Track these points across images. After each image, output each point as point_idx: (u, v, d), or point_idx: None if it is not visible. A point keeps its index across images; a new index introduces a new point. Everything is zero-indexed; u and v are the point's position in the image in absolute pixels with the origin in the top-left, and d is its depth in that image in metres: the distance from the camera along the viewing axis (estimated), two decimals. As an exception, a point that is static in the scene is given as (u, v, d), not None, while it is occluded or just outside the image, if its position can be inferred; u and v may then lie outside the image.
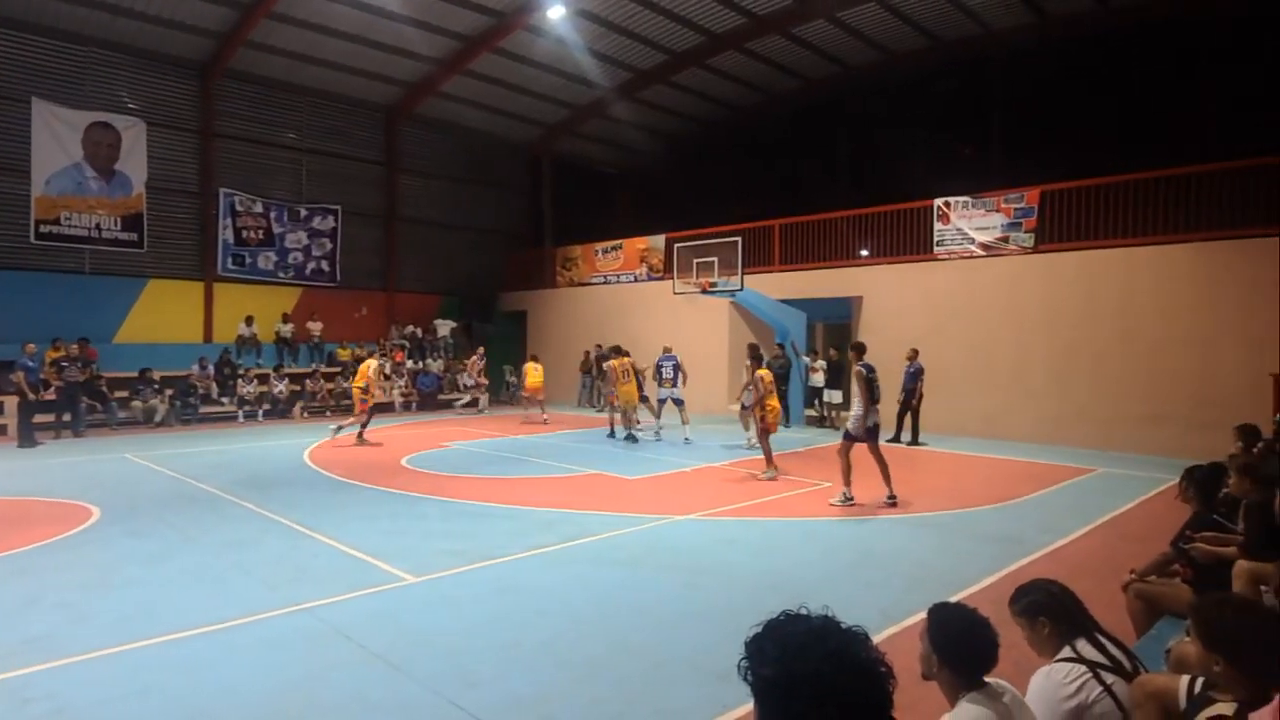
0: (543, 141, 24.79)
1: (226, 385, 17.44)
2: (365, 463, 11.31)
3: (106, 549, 6.60)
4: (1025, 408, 13.83)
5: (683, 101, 23.03)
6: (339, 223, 20.81)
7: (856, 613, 4.85)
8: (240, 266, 19.22)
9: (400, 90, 20.96)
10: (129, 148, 17.27)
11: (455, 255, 23.54)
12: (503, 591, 5.58)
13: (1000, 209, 14.39)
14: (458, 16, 17.82)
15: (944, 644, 2.33)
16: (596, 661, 4.37)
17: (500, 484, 9.82)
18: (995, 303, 14.30)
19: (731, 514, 8.12)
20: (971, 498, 8.99)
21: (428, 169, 22.86)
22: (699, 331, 18.26)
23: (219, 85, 18.53)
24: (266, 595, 5.40)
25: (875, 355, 15.57)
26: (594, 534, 7.18)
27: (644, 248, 20.59)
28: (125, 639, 4.55)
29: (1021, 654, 2.97)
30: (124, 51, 17.12)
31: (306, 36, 17.80)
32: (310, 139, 20.40)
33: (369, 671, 4.20)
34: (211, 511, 8.05)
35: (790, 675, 1.19)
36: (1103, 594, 4.52)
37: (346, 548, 6.64)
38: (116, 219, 17.20)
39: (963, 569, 6.13)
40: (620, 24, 18.60)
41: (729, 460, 11.65)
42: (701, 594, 5.57)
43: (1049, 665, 2.69)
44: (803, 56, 20.32)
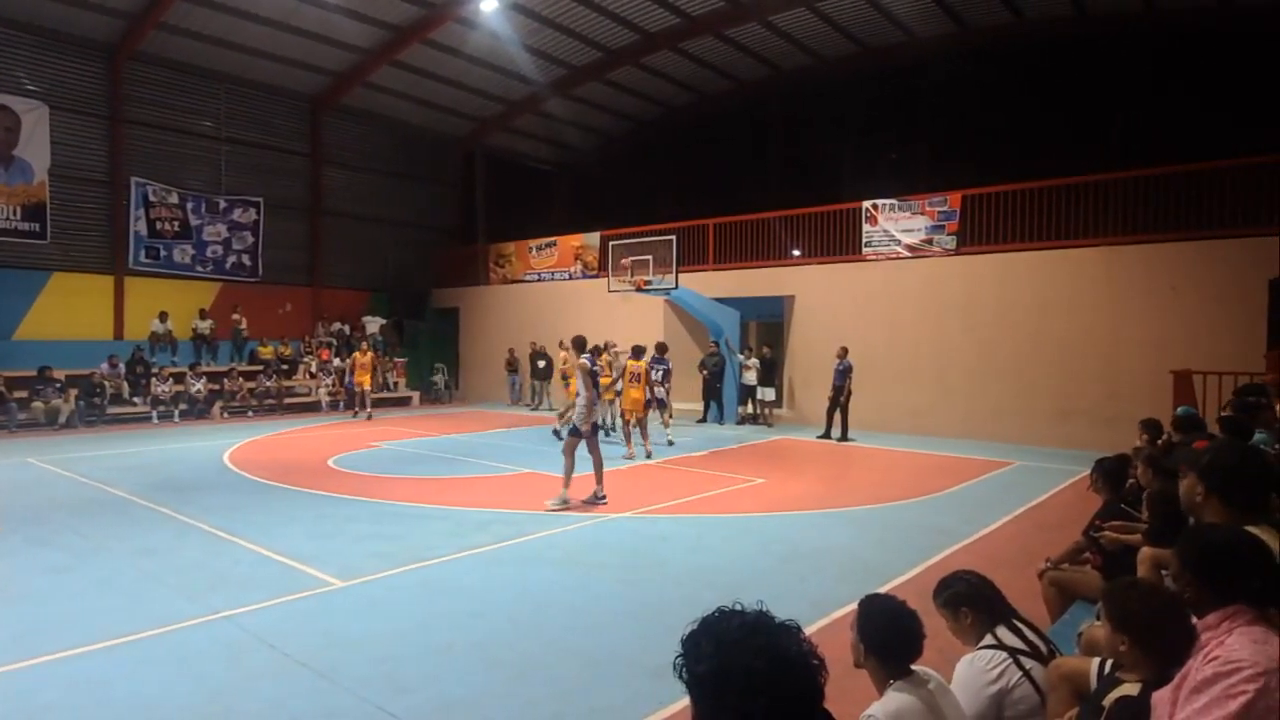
0: (475, 136, 24.39)
1: (139, 385, 16.59)
2: (289, 464, 10.93)
3: (6, 560, 6.18)
4: (947, 404, 14.35)
5: (617, 99, 23.02)
6: (261, 215, 20.01)
7: (789, 605, 4.94)
8: (154, 260, 18.28)
9: (326, 79, 20.30)
10: (29, 132, 16.19)
11: (385, 251, 22.94)
12: (434, 593, 5.47)
13: (925, 211, 14.88)
14: (387, 6, 17.36)
15: (871, 634, 2.41)
16: (531, 662, 4.33)
17: (431, 484, 9.63)
18: (919, 303, 14.79)
19: (664, 511, 8.16)
20: (898, 491, 9.27)
21: (356, 161, 22.21)
22: (634, 330, 18.27)
23: (129, 68, 17.56)
24: (183, 604, 5.15)
25: (807, 352, 16.06)
26: (528, 534, 7.11)
27: (578, 245, 20.50)
28: (25, 655, 4.27)
29: (945, 642, 3.07)
30: (22, 29, 16.04)
31: (225, 20, 17.02)
32: (230, 128, 19.54)
33: (293, 680, 4.05)
34: (123, 517, 7.64)
35: (724, 670, 1.19)
36: (1020, 582, 4.71)
37: (270, 552, 6.39)
38: (16, 208, 16.12)
39: (890, 560, 6.32)
40: (554, 19, 18.46)
41: (661, 459, 11.71)
42: (636, 591, 5.57)
43: (972, 653, 2.79)
44: (736, 58, 20.58)
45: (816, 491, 9.35)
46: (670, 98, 23.13)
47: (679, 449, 12.53)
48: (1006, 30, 17.75)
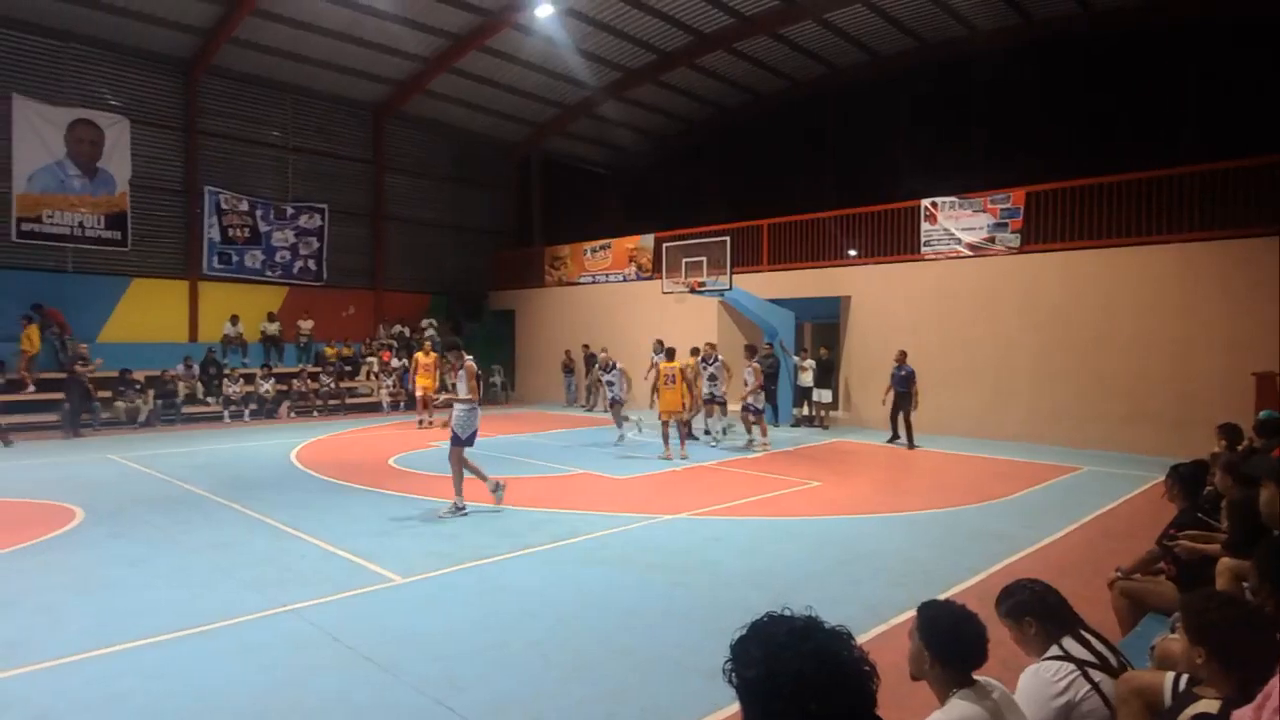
0: (531, 140, 24.72)
1: (212, 385, 17.29)
2: (352, 463, 11.24)
3: (89, 551, 6.52)
4: (1009, 407, 13.93)
5: (671, 101, 23.04)
6: (326, 221, 20.67)
7: (842, 609, 4.89)
8: (226, 265, 19.06)
9: (387, 88, 20.85)
10: (112, 145, 17.08)
11: (443, 254, 23.46)
12: (490, 592, 5.56)
13: (987, 209, 14.48)
14: (445, 14, 17.74)
15: (935, 641, 2.34)
16: (584, 661, 4.36)
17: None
18: (980, 302, 14.40)
19: (718, 514, 8.12)
20: (957, 496, 9.05)
21: (415, 167, 22.76)
22: (687, 331, 18.25)
23: (203, 82, 18.36)
24: (251, 597, 5.35)
25: (864, 354, 15.79)
26: (582, 534, 7.17)
27: (633, 247, 20.58)
28: (104, 643, 4.50)
29: (1009, 652, 2.98)
30: (106, 47, 16.93)
31: (291, 33, 17.66)
32: (296, 137, 20.26)
33: (356, 673, 4.16)
34: (196, 512, 7.97)
35: (772, 675, 1.19)
36: (1088, 592, 4.55)
37: (334, 548, 6.59)
38: (100, 217, 17.02)
39: (949, 566, 6.16)
40: (609, 23, 18.59)
41: (717, 460, 11.66)
42: (688, 593, 5.56)
43: (1037, 664, 2.70)
44: (790, 57, 20.38)
45: (872, 495, 9.18)
46: (723, 98, 23.04)
47: (733, 451, 12.45)
48: (1072, 21, 17.15)
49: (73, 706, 3.75)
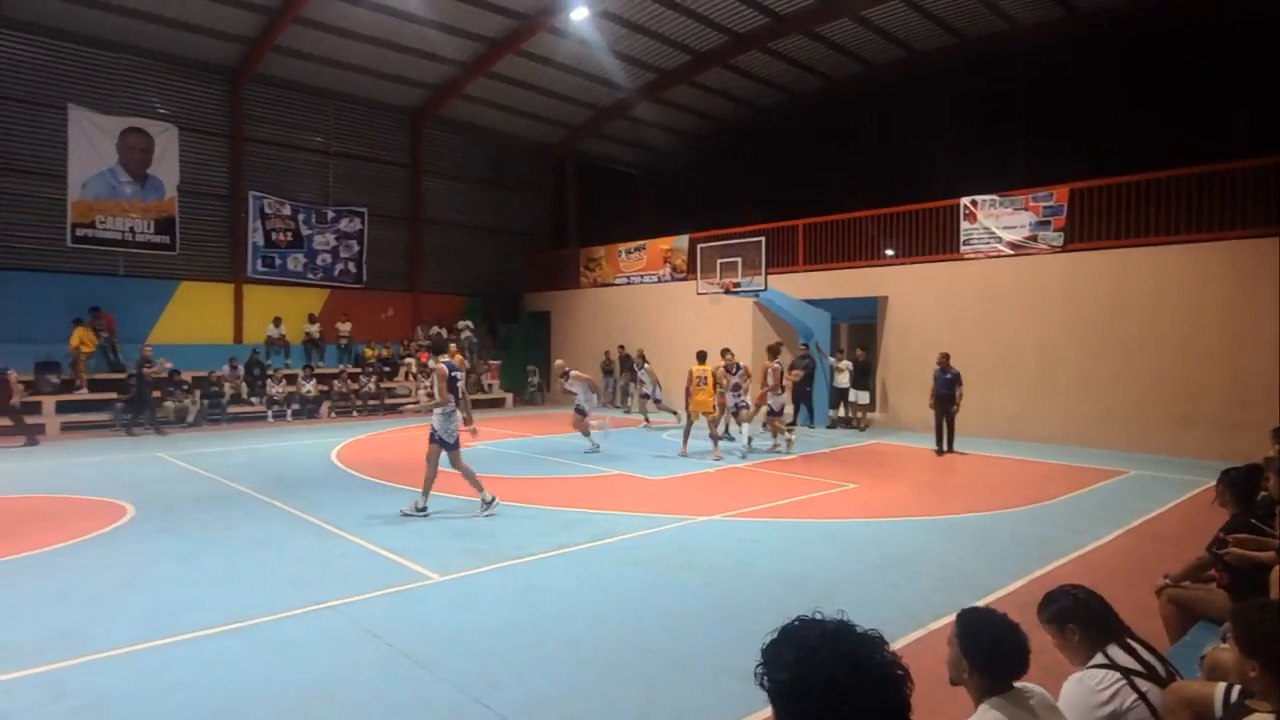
0: (566, 142, 24.87)
1: (256, 385, 17.70)
2: (391, 462, 11.42)
3: (140, 546, 6.73)
4: (1052, 409, 13.63)
5: (706, 101, 23.00)
6: (365, 225, 21.05)
7: (880, 613, 4.84)
8: (269, 268, 19.52)
9: (424, 93, 21.15)
10: (161, 152, 17.61)
11: (479, 256, 23.72)
12: (525, 591, 5.61)
13: (1029, 207, 14.18)
14: (481, 19, 17.94)
15: (974, 649, 2.30)
16: (618, 661, 4.37)
17: (523, 484, 9.86)
18: (1021, 302, 14.12)
19: (754, 515, 8.08)
20: (998, 500, 8.88)
21: (452, 171, 23.05)
22: (722, 332, 18.19)
23: (248, 90, 18.83)
24: (293, 593, 5.46)
25: (902, 354, 15.58)
26: (616, 534, 7.19)
27: (667, 248, 20.58)
28: (154, 635, 4.64)
29: (1052, 658, 2.92)
30: (156, 58, 17.46)
31: (332, 41, 18.02)
32: (337, 142, 20.67)
33: (395, 670, 4.23)
34: (241, 510, 8.17)
35: (804, 679, 1.18)
36: (1134, 599, 4.44)
37: (373, 546, 6.70)
38: (150, 222, 17.56)
39: (990, 571, 6.05)
40: (643, 24, 18.62)
41: (752, 462, 11.60)
42: (723, 594, 5.55)
43: (1081, 671, 2.65)
44: (826, 55, 20.21)
45: (911, 498, 9.06)
46: (758, 98, 22.93)
47: (768, 453, 12.38)
48: (1118, 12, 16.71)
49: (125, 696, 3.88)
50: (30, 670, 4.13)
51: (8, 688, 3.93)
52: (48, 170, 16.27)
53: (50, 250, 16.44)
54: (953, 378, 12.54)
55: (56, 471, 10.60)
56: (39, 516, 7.84)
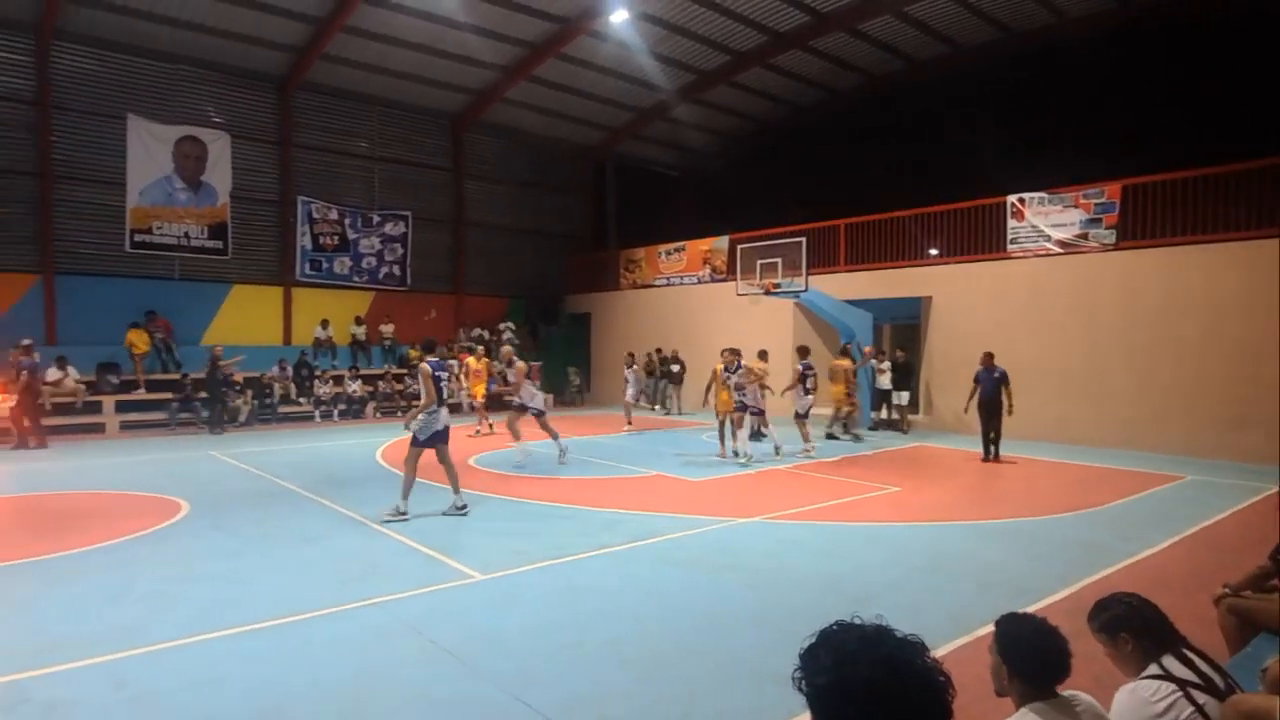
0: (605, 144, 24.98)
1: (304, 386, 18.13)
2: (434, 462, 11.54)
3: (194, 542, 6.94)
4: (1102, 411, 13.26)
5: (745, 101, 22.90)
6: (409, 228, 21.42)
7: (924, 618, 4.76)
8: (317, 271, 19.98)
9: (466, 98, 21.43)
10: (214, 160, 18.16)
11: (521, 258, 23.95)
12: (566, 591, 5.64)
13: (1079, 204, 13.82)
14: (522, 24, 18.12)
15: (1012, 654, 2.27)
16: (658, 662, 4.38)
17: (564, 484, 9.92)
18: (1071, 302, 13.76)
19: (794, 518, 8.02)
20: (1046, 504, 8.67)
21: (493, 174, 23.31)
22: (762, 333, 18.08)
23: (296, 97, 19.31)
24: (340, 590, 5.58)
25: (946, 355, 15.30)
26: (657, 535, 7.19)
27: (707, 249, 20.53)
28: (207, 629, 4.78)
29: (1103, 668, 2.85)
30: (209, 68, 18.01)
31: (377, 48, 18.39)
32: (382, 147, 21.07)
33: (437, 667, 4.30)
34: (289, 507, 8.37)
35: (842, 683, 1.17)
36: (1191, 608, 4.30)
37: (416, 544, 6.81)
38: (203, 227, 18.11)
39: (1038, 577, 5.91)
40: (683, 26, 18.62)
41: (793, 464, 11.50)
42: (763, 597, 5.52)
43: (1134, 682, 2.57)
44: (868, 52, 19.98)
45: (955, 501, 8.90)
46: (798, 97, 22.76)
47: (803, 455, 12.26)
48: (1169, 2, 16.19)
49: (179, 687, 4.00)
50: (93, 660, 4.29)
51: (71, 677, 4.09)
52: (108, 178, 16.89)
53: (110, 255, 17.06)
54: (1000, 377, 11.55)
55: (115, 469, 10.99)
56: (100, 512, 8.14)
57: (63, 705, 3.78)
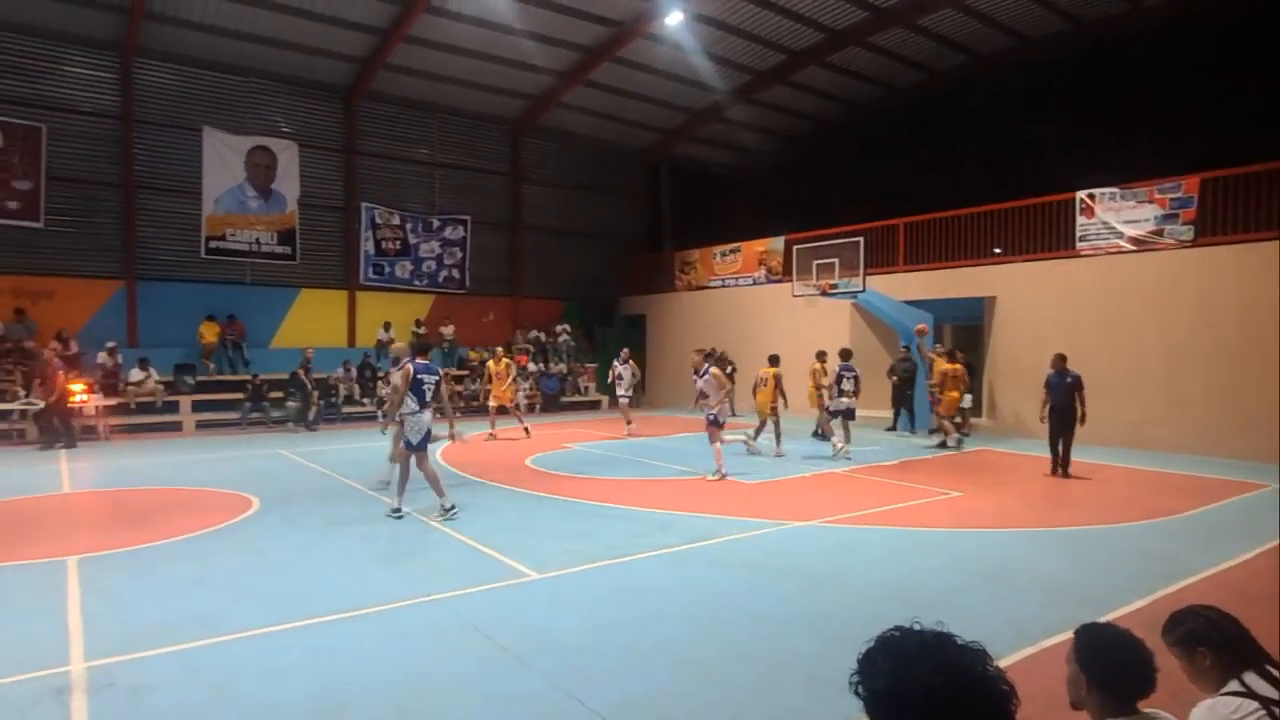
0: (660, 146, 25.02)
1: (367, 387, 18.63)
2: (492, 463, 11.78)
3: (265, 537, 7.21)
4: (1178, 416, 12.67)
5: (801, 100, 22.66)
6: (468, 232, 21.84)
7: (985, 628, 4.64)
8: (379, 275, 20.54)
9: (524, 103, 21.74)
10: (284, 168, 18.85)
11: (576, 261, 24.17)
12: (621, 591, 5.67)
13: (1154, 199, 13.26)
14: (578, 28, 18.30)
15: (1093, 664, 2.17)
16: (711, 664, 4.37)
17: (618, 485, 9.97)
18: (1145, 301, 13.20)
19: (851, 522, 7.89)
20: (1118, 512, 8.33)
21: (550, 178, 23.60)
22: (819, 334, 17.85)
23: (361, 107, 19.90)
24: (400, 585, 5.72)
25: (1011, 357, 14.85)
26: (711, 537, 7.17)
27: (762, 250, 20.38)
28: (276, 620, 4.96)
29: (1179, 684, 2.73)
30: (279, 79, 18.72)
31: (438, 56, 18.82)
32: (442, 153, 21.55)
33: (493, 663, 4.37)
34: (354, 505, 8.63)
35: (900, 688, 1.15)
36: (1274, 622, 4.08)
37: (474, 543, 6.94)
38: (273, 234, 18.81)
39: (1109, 588, 5.69)
40: (738, 26, 18.54)
41: (850, 467, 11.32)
42: (818, 601, 5.45)
43: (1212, 699, 2.46)
44: (928, 47, 19.56)
45: (1020, 508, 8.63)
46: (855, 94, 22.41)
47: (865, 458, 12.06)
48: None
49: (251, 675, 4.17)
50: (172, 648, 4.50)
51: (151, 663, 4.30)
52: (185, 188, 17.68)
53: (187, 261, 17.87)
54: (1073, 383, 10.41)
55: (191, 466, 11.50)
56: (178, 506, 8.53)
57: (144, 690, 3.97)
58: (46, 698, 3.86)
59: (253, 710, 3.78)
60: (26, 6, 15.32)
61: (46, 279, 16.40)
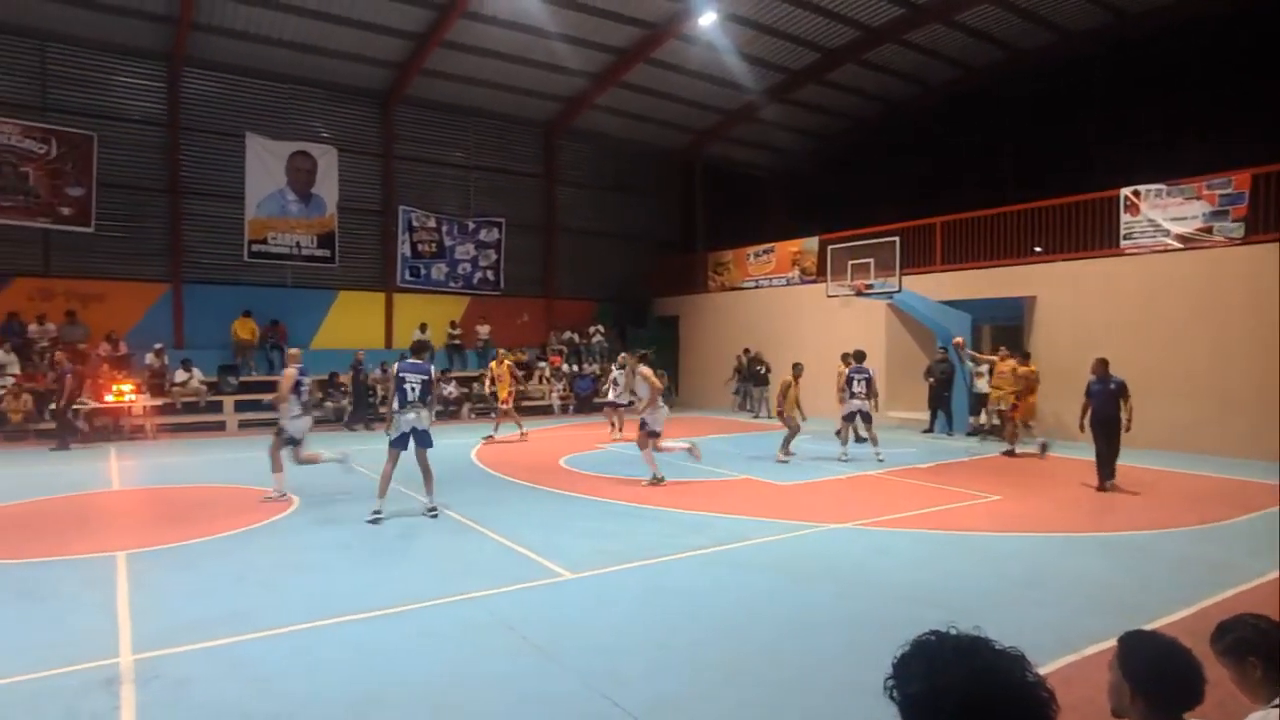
0: (693, 147, 24.98)
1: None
2: (525, 463, 11.87)
3: (303, 535, 7.36)
4: (1227, 418, 12.29)
5: (835, 99, 22.45)
6: (503, 234, 22.04)
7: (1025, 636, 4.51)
8: (416, 278, 20.83)
9: (557, 106, 21.87)
10: (323, 173, 19.22)
11: (609, 262, 24.24)
12: (653, 592, 5.68)
13: (1202, 195, 12.89)
14: (611, 30, 18.36)
15: (1139, 674, 2.10)
16: (744, 666, 4.35)
17: (650, 486, 9.96)
18: (1193, 301, 12.83)
19: (886, 525, 7.80)
20: (1164, 517, 8.11)
21: (583, 179, 23.71)
22: (854, 335, 17.66)
23: (397, 111, 20.21)
24: (436, 583, 5.80)
25: (1052, 358, 14.53)
26: (744, 539, 7.14)
27: (796, 250, 20.23)
28: (315, 617, 5.05)
29: (1226, 693, 2.65)
30: (318, 86, 19.10)
31: (473, 60, 19.02)
32: (477, 156, 21.79)
33: (526, 661, 4.41)
34: (390, 504, 8.70)
35: (935, 692, 1.13)
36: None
37: (509, 542, 7.00)
38: (313, 237, 19.19)
39: (1155, 595, 5.55)
40: (772, 25, 18.44)
41: (884, 469, 11.19)
42: (852, 605, 5.39)
43: (1264, 710, 2.38)
44: (966, 44, 19.23)
45: (1061, 512, 8.44)
46: (890, 92, 22.13)
47: (901, 460, 11.90)
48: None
49: (289, 670, 4.26)
50: (214, 642, 4.62)
51: (194, 658, 4.41)
52: (229, 193, 18.13)
53: (230, 265, 18.32)
54: (1117, 390, 9.55)
55: (233, 464, 11.77)
56: (220, 504, 8.74)
57: (188, 682, 4.08)
58: (97, 688, 3.98)
59: (291, 704, 3.85)
60: (81, 19, 15.85)
61: (97, 282, 16.95)
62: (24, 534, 7.32)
